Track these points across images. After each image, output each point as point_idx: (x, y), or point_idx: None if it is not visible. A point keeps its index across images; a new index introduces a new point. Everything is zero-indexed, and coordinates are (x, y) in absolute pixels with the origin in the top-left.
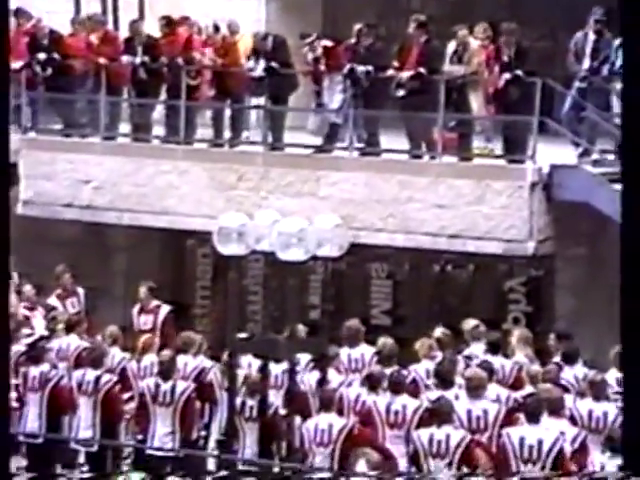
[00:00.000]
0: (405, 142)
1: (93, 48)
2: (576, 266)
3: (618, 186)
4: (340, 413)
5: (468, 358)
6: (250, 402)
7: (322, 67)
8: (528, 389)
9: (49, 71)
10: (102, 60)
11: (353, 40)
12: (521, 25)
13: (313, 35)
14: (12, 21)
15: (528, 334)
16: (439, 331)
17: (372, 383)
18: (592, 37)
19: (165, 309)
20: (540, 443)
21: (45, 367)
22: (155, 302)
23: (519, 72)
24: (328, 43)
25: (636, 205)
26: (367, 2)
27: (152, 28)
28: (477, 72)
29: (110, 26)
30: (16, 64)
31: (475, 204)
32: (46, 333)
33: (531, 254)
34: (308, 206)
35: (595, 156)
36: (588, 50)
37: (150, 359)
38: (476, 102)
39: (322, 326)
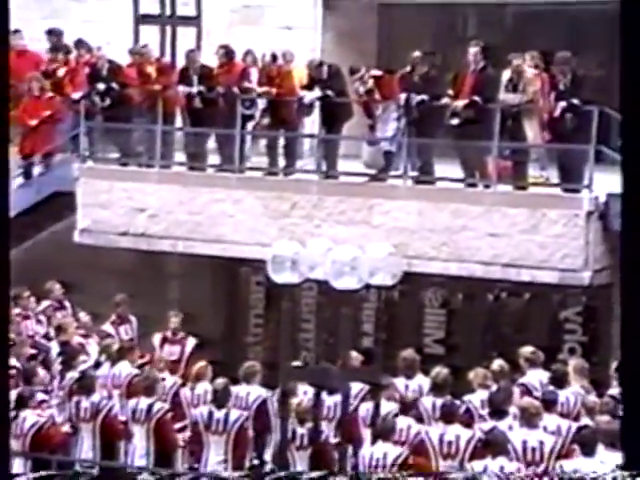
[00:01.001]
0: (459, 171)
1: (150, 78)
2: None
3: None
4: (395, 442)
5: (523, 386)
6: (300, 430)
7: (376, 97)
8: (584, 420)
9: (107, 101)
10: (158, 89)
11: (408, 68)
12: (577, 53)
13: (362, 69)
14: (73, 52)
15: (584, 365)
16: (497, 363)
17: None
18: None
19: (192, 341)
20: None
21: (96, 397)
22: (181, 333)
23: (575, 100)
24: (378, 73)
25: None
26: (422, 30)
27: (208, 58)
28: (532, 100)
29: (167, 55)
30: (75, 94)
31: (530, 233)
32: (100, 359)
33: (587, 284)
34: (361, 234)
35: None
36: None
37: (204, 387)
38: (531, 130)
39: (376, 355)
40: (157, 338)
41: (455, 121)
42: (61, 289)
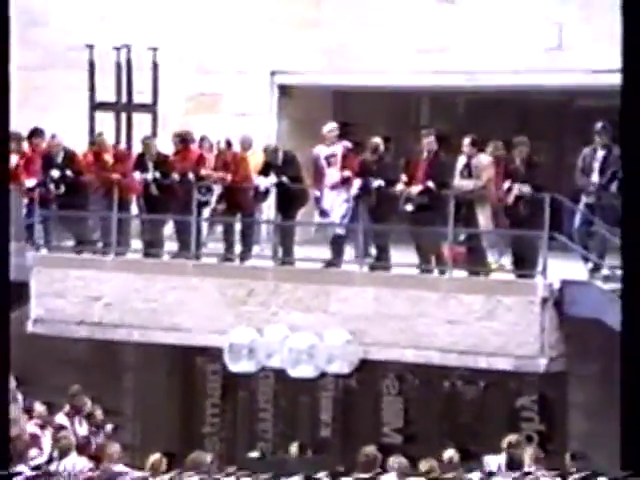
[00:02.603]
0: (414, 256)
1: (105, 165)
2: (588, 384)
3: None
4: None
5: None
6: None
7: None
8: None
9: (62, 188)
10: (115, 176)
11: (368, 154)
12: (529, 140)
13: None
14: (24, 141)
15: (540, 453)
16: (447, 454)
17: None
18: (600, 153)
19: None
20: None
21: None
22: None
23: (527, 188)
24: (349, 145)
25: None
26: (377, 117)
27: (164, 145)
28: (486, 187)
29: (123, 142)
30: (30, 183)
31: (486, 320)
32: (54, 454)
33: (543, 371)
34: (318, 321)
35: (605, 272)
36: (597, 165)
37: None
38: (483, 216)
39: (333, 444)
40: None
41: (409, 207)
42: (14, 381)
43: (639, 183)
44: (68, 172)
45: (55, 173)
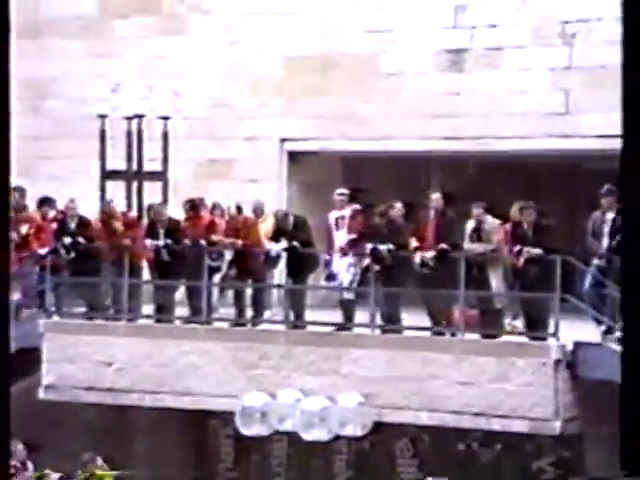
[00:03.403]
0: (425, 319)
1: (116, 232)
2: (604, 445)
3: None
4: None
5: None
6: None
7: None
8: None
9: (72, 254)
10: (126, 243)
11: (377, 219)
12: (539, 203)
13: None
14: (30, 209)
15: None
16: None
17: None
18: (610, 216)
19: None
20: None
21: None
22: None
23: (538, 250)
24: (357, 207)
25: None
26: (387, 182)
27: (175, 211)
28: (496, 249)
29: (134, 210)
30: (42, 250)
31: (499, 381)
32: None
33: (558, 433)
34: (330, 384)
35: (618, 334)
36: (606, 229)
37: None
38: (496, 279)
39: None
40: None
41: (426, 270)
42: (24, 449)
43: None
44: (80, 239)
45: (67, 239)
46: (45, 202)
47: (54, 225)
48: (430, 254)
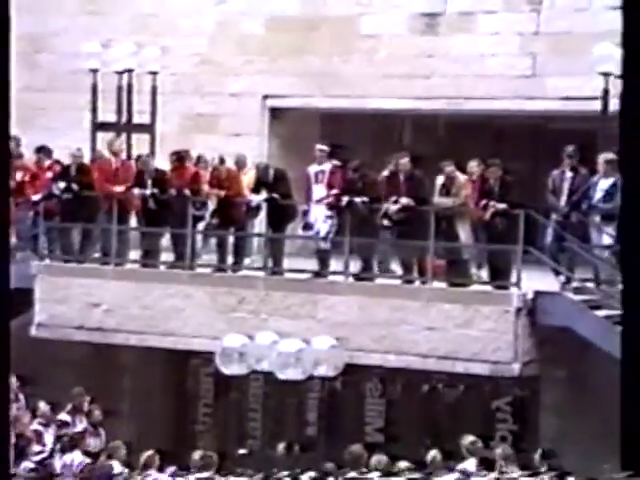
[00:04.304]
0: (397, 268)
1: (111, 178)
2: (559, 387)
3: (598, 312)
4: None
5: (463, 473)
6: None
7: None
8: None
9: (66, 196)
10: (118, 189)
11: (351, 173)
12: (505, 161)
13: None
14: (25, 157)
15: (511, 452)
16: (431, 454)
17: None
18: (569, 174)
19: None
20: None
21: None
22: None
23: (504, 205)
24: (338, 163)
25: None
26: (363, 139)
27: (162, 162)
28: (464, 204)
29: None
30: (36, 197)
31: (464, 327)
32: (55, 448)
33: (516, 375)
34: (306, 328)
35: (576, 284)
36: (566, 186)
37: (153, 476)
38: (464, 231)
39: (318, 443)
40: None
41: (386, 222)
42: (17, 382)
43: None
44: (74, 185)
45: (61, 184)
46: (41, 150)
47: (49, 173)
48: (394, 207)
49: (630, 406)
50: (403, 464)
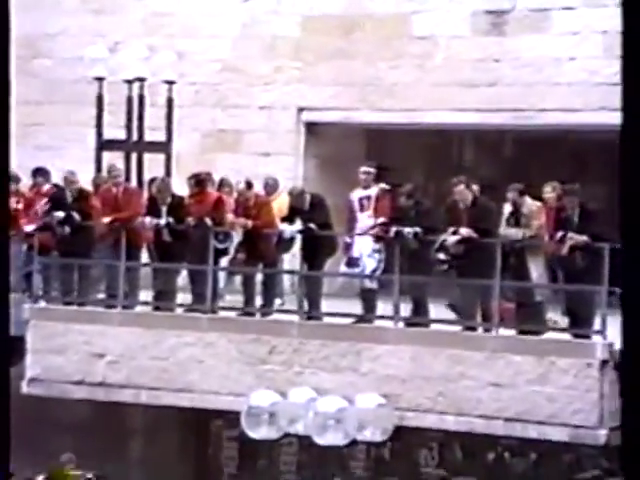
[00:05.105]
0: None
1: (114, 207)
2: None
3: None
4: None
5: None
6: None
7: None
8: None
9: (67, 229)
10: (124, 215)
11: (402, 199)
12: (585, 185)
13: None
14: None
15: None
16: None
17: None
18: None
19: None
20: None
21: None
22: None
23: (584, 237)
24: (386, 187)
25: None
26: (415, 159)
27: (179, 187)
28: (537, 236)
29: (133, 184)
30: (29, 227)
31: (537, 383)
32: None
33: (602, 443)
34: (347, 383)
35: None
36: None
37: None
38: (536, 269)
39: None
40: None
41: (442, 256)
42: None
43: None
44: (75, 214)
45: (60, 214)
46: (38, 173)
47: (45, 200)
48: (453, 238)
49: (630, 408)
50: None
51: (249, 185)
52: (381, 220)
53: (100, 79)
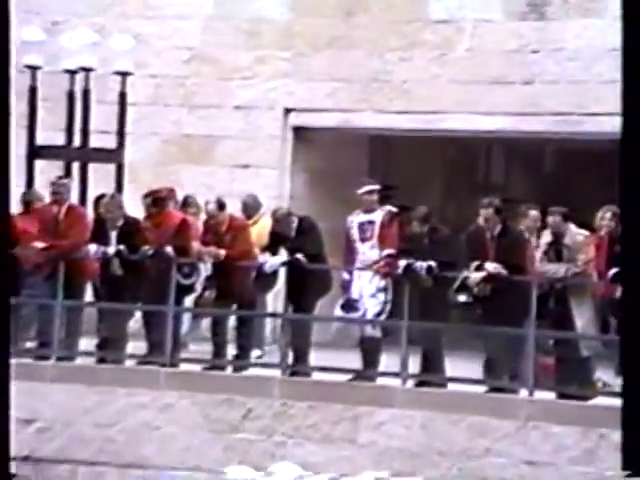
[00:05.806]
0: (479, 369)
1: (54, 232)
2: None
3: None
4: None
5: None
6: None
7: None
8: None
9: None
10: (64, 247)
11: (414, 226)
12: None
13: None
14: None
15: None
16: None
17: None
18: None
19: None
20: None
21: None
22: None
23: None
24: (394, 209)
25: None
26: (431, 174)
27: (132, 206)
28: (584, 273)
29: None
30: None
31: (583, 462)
32: None
33: None
34: (342, 457)
35: None
36: None
37: None
38: (582, 315)
39: None
40: None
41: (463, 298)
42: None
43: None
44: None
45: None
46: None
47: None
48: (475, 277)
49: (630, 407)
50: None
51: (221, 205)
52: (387, 252)
53: (33, 68)
